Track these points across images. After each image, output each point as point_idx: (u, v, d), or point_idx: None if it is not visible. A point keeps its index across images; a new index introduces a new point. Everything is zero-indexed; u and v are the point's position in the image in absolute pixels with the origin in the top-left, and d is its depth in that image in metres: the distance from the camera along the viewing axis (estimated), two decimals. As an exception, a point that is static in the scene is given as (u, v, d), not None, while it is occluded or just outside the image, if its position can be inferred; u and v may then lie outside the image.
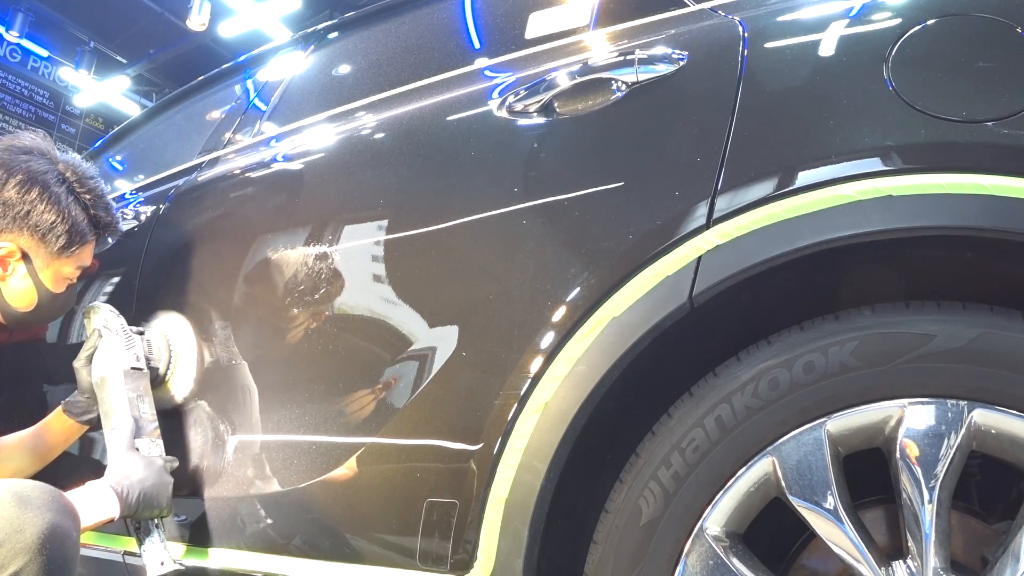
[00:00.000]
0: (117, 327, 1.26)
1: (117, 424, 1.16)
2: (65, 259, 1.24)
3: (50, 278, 1.25)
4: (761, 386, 0.81)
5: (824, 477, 0.77)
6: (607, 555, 0.86)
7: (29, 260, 1.22)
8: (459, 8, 1.52)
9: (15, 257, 1.21)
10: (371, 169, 1.25)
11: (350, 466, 1.06)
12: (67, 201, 1.22)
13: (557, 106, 1.05)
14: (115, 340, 1.23)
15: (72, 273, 1.28)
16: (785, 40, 0.93)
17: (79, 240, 1.24)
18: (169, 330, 1.33)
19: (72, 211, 1.22)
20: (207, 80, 2.09)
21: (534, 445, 0.90)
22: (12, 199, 1.18)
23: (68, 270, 1.26)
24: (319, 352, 1.15)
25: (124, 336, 1.25)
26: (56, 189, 1.21)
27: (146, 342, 1.28)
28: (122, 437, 1.15)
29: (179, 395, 1.30)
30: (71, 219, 1.22)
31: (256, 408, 1.21)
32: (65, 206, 1.21)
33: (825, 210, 0.80)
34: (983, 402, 0.73)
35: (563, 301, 0.92)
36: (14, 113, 9.08)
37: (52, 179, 1.21)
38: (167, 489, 1.14)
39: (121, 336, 1.24)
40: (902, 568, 0.74)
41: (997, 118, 0.76)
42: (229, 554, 1.17)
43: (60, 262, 1.24)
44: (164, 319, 1.34)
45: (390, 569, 0.98)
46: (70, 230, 1.22)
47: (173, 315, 1.34)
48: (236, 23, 8.05)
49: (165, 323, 1.34)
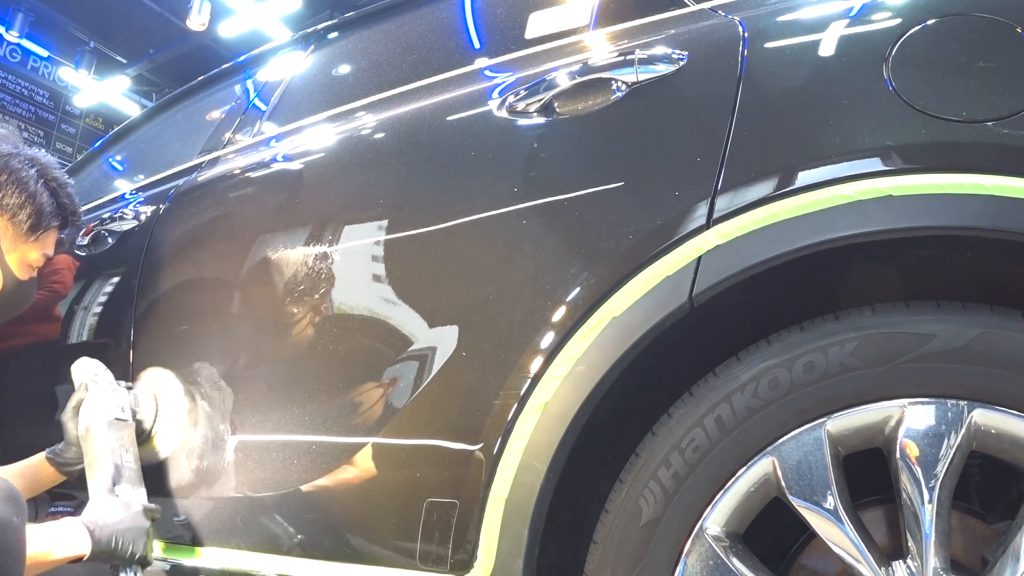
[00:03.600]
0: (104, 380, 1.26)
1: (99, 472, 1.15)
2: (32, 243, 1.26)
3: (16, 262, 1.26)
4: (761, 386, 0.81)
5: (824, 477, 0.77)
6: (607, 555, 0.86)
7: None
8: (459, 8, 1.52)
9: None
10: (371, 169, 1.25)
11: (350, 466, 1.06)
12: (35, 185, 1.25)
13: (557, 106, 1.05)
14: (101, 392, 1.23)
15: (37, 260, 1.29)
16: (785, 40, 0.93)
17: (46, 223, 1.26)
18: (157, 384, 1.31)
19: (40, 194, 1.25)
20: (207, 80, 2.09)
21: (534, 445, 0.90)
22: None
23: (34, 255, 1.28)
24: (319, 352, 1.15)
25: (110, 388, 1.25)
26: (24, 173, 1.24)
27: (132, 395, 1.27)
28: (102, 483, 1.14)
29: (165, 450, 1.28)
30: (39, 201, 1.25)
31: (256, 409, 1.21)
32: (34, 189, 1.24)
33: (825, 210, 0.80)
34: (983, 402, 0.73)
35: (563, 301, 0.92)
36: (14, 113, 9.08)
37: (19, 163, 1.24)
38: (143, 534, 1.12)
39: (107, 388, 1.24)
40: (902, 568, 0.74)
41: (997, 118, 0.76)
42: (229, 554, 1.17)
43: (27, 246, 1.26)
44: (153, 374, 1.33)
45: (390, 569, 0.98)
46: (38, 212, 1.24)
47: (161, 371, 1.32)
48: (236, 23, 8.06)
49: (153, 378, 1.33)
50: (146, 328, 1.44)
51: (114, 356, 1.49)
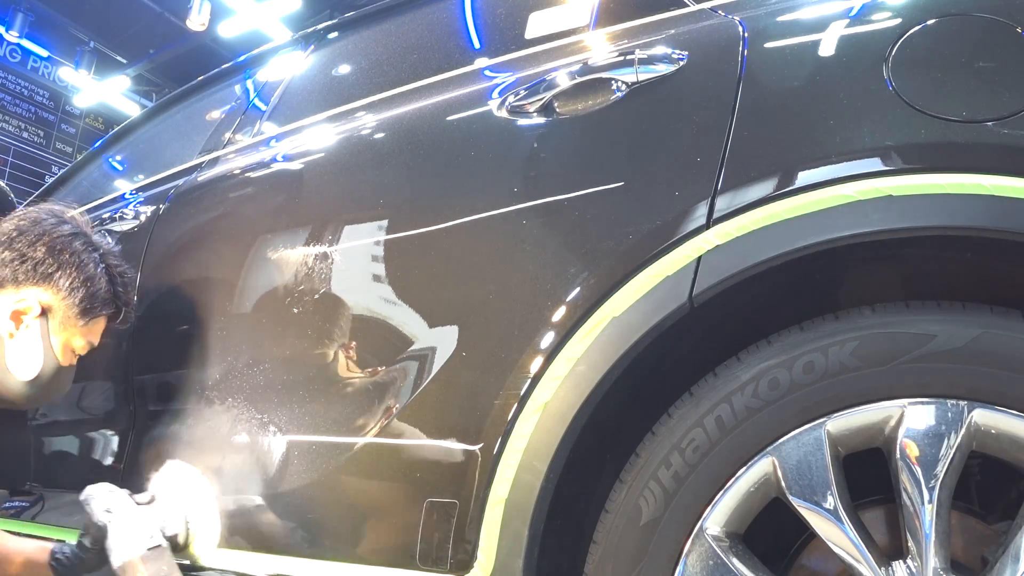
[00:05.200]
0: (122, 507, 1.15)
1: None
2: (82, 327, 1.22)
3: (61, 345, 1.22)
4: (761, 386, 0.81)
5: (824, 477, 0.77)
6: (607, 555, 0.86)
7: (46, 320, 1.19)
8: (459, 8, 1.52)
9: (33, 313, 1.18)
10: (371, 169, 1.25)
11: (350, 466, 1.06)
12: (95, 269, 1.22)
13: (557, 106, 1.05)
14: (125, 522, 1.13)
15: (82, 347, 1.25)
16: (785, 40, 0.93)
17: (100, 308, 1.23)
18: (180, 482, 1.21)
19: (98, 279, 1.22)
20: (207, 80, 2.09)
21: (534, 445, 0.90)
22: (40, 257, 1.18)
23: (79, 342, 1.24)
24: (319, 352, 1.15)
25: (133, 513, 1.15)
26: (85, 255, 1.21)
27: (156, 511, 1.17)
28: None
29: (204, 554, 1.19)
30: (96, 286, 1.22)
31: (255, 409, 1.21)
32: (92, 272, 1.21)
33: (825, 210, 0.80)
34: (983, 402, 0.73)
35: (563, 301, 0.92)
36: (14, 113, 9.09)
37: (82, 245, 1.22)
38: None
39: (129, 514, 1.14)
40: (902, 568, 0.74)
41: (997, 118, 0.76)
42: (229, 554, 1.17)
43: (75, 330, 1.22)
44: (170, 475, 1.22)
45: (390, 569, 0.98)
46: (92, 296, 1.21)
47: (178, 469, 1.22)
48: (236, 23, 8.05)
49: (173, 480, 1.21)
50: (146, 328, 1.44)
51: (114, 356, 1.49)
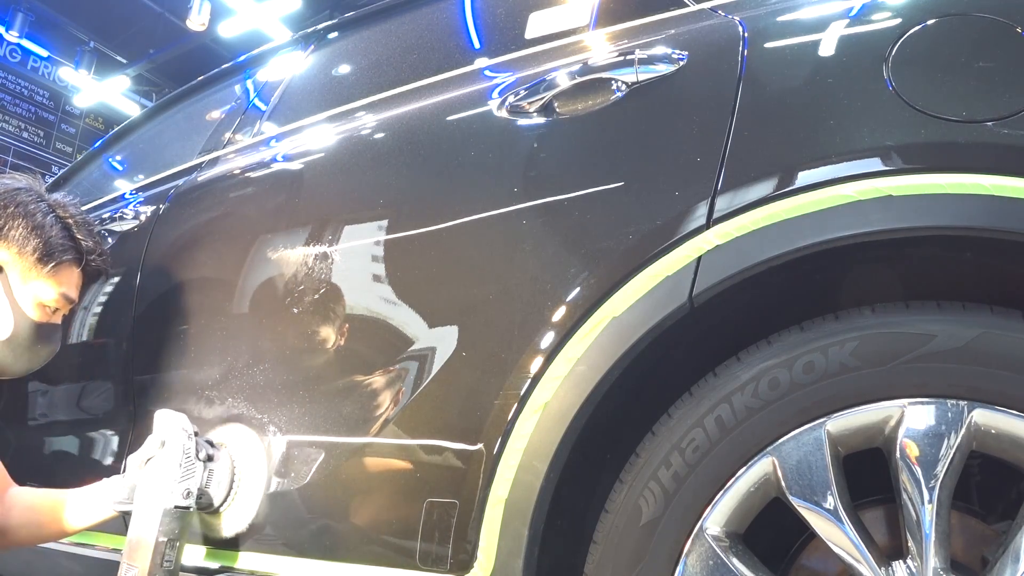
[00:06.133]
0: (179, 448, 1.12)
1: (138, 563, 1.09)
2: (45, 276, 1.19)
3: (29, 300, 1.19)
4: (761, 386, 0.81)
5: (824, 477, 0.77)
6: (607, 555, 0.86)
7: (5, 276, 1.18)
8: (459, 8, 1.52)
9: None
10: (371, 169, 1.25)
11: (350, 466, 1.06)
12: (43, 217, 1.20)
13: (557, 106, 1.05)
14: (171, 464, 1.11)
15: (53, 299, 1.21)
16: (785, 40, 0.93)
17: (59, 254, 1.20)
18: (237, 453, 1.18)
19: (50, 226, 1.20)
20: (207, 80, 2.09)
21: (534, 445, 0.90)
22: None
23: (49, 294, 1.20)
24: (319, 352, 1.15)
25: (184, 462, 1.12)
26: (32, 206, 1.20)
27: (208, 471, 1.14)
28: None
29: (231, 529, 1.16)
30: (48, 233, 1.20)
31: (255, 408, 1.20)
32: (41, 221, 1.20)
33: (825, 210, 0.80)
34: (983, 402, 0.73)
35: (563, 301, 0.92)
36: (14, 113, 9.10)
37: (27, 196, 1.21)
38: None
39: (180, 460, 1.12)
40: (902, 568, 0.74)
41: (997, 118, 0.76)
42: (229, 553, 1.17)
43: (40, 282, 1.19)
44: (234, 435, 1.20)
45: (390, 569, 0.98)
46: (48, 241, 1.19)
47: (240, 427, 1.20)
48: (236, 23, 8.06)
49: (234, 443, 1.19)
50: (146, 328, 1.44)
51: (114, 356, 1.49)
